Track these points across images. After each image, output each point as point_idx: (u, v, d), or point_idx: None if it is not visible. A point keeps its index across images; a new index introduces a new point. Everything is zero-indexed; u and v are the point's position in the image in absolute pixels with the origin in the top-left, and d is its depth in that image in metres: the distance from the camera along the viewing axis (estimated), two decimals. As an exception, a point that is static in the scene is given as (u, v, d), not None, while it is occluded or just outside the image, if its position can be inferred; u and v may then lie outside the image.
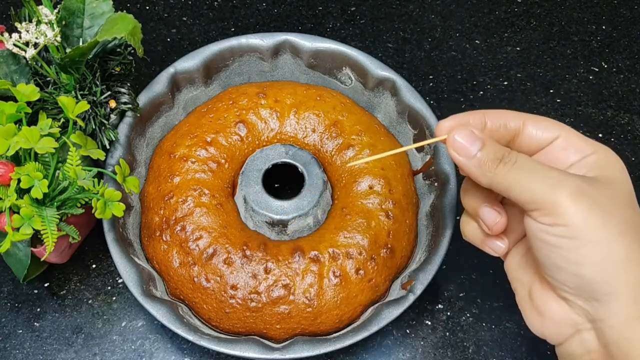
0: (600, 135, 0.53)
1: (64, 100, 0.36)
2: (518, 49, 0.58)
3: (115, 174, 0.37)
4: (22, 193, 0.36)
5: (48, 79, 0.41)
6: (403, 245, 0.42)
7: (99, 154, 0.39)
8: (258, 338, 0.38)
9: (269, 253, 0.40)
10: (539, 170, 0.28)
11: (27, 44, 0.38)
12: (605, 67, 0.58)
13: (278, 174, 0.45)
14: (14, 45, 0.37)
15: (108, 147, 0.42)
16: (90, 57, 0.40)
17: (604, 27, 0.60)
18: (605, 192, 0.28)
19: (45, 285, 0.44)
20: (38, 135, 0.35)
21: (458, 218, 0.41)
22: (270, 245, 0.41)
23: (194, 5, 0.60)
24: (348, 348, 0.42)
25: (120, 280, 0.45)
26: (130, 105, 0.42)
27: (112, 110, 0.42)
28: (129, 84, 0.43)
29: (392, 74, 0.46)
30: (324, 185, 0.43)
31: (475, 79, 0.56)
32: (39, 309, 0.44)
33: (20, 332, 0.43)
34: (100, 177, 0.41)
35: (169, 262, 0.41)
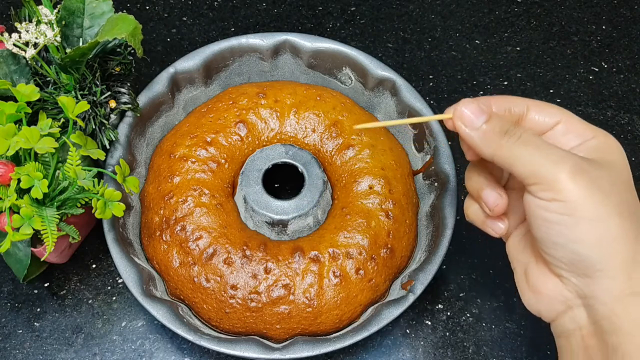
0: (600, 135, 0.53)
1: (64, 100, 0.36)
2: (518, 49, 0.58)
3: (115, 174, 0.37)
4: (22, 193, 0.36)
5: (48, 79, 0.41)
6: (403, 245, 0.42)
7: (99, 154, 0.39)
8: (258, 338, 0.38)
9: (269, 253, 0.40)
10: (542, 147, 0.29)
11: (27, 44, 0.38)
12: (605, 67, 0.58)
13: (278, 174, 0.45)
14: (14, 45, 0.37)
15: (108, 147, 0.42)
16: (90, 57, 0.40)
17: (604, 27, 0.60)
18: (604, 173, 0.29)
19: (45, 285, 0.44)
20: (38, 135, 0.35)
21: (458, 218, 0.41)
22: (270, 245, 0.41)
23: (194, 5, 0.60)
24: (348, 348, 0.42)
25: (120, 280, 0.45)
26: (130, 105, 0.42)
27: (112, 110, 0.42)
28: (129, 84, 0.43)
29: (392, 74, 0.46)
30: (324, 185, 0.43)
31: (475, 79, 0.56)
32: (39, 309, 0.44)
33: (20, 332, 0.43)
34: (100, 177, 0.41)
35: (169, 262, 0.41)
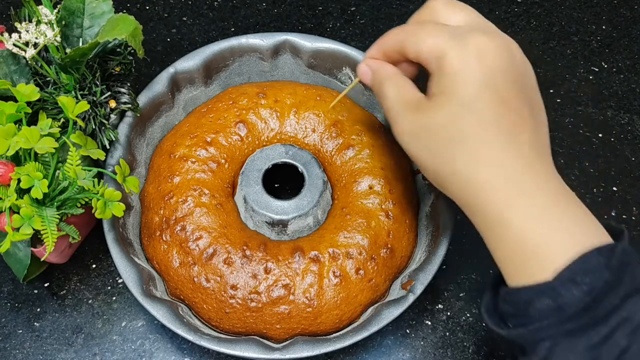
0: (600, 135, 0.53)
1: (64, 100, 0.36)
2: (518, 49, 0.58)
3: (115, 174, 0.37)
4: (22, 193, 0.36)
5: (48, 79, 0.41)
6: (403, 245, 0.42)
7: (99, 154, 0.39)
8: (258, 338, 0.38)
9: (269, 253, 0.40)
10: (403, 88, 0.34)
11: (27, 44, 0.38)
12: (605, 67, 0.58)
13: (278, 174, 0.45)
14: (14, 45, 0.37)
15: (108, 147, 0.42)
16: (90, 57, 0.40)
17: (604, 27, 0.60)
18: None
19: (45, 285, 0.44)
20: (38, 135, 0.35)
21: (459, 217, 0.41)
22: (270, 245, 0.41)
23: (194, 5, 0.60)
24: (348, 348, 0.42)
25: (120, 280, 0.45)
26: (130, 105, 0.42)
27: (112, 110, 0.42)
28: (129, 84, 0.43)
29: (392, 74, 0.46)
30: (324, 185, 0.43)
31: (475, 79, 0.56)
32: (39, 309, 0.44)
33: (20, 332, 0.43)
34: (100, 177, 0.41)
35: (169, 262, 0.41)
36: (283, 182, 0.48)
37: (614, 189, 0.50)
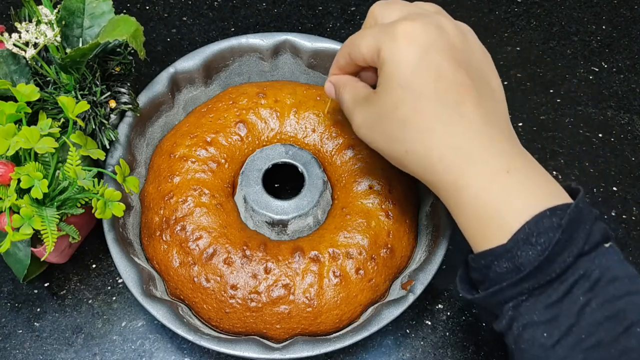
0: (600, 135, 0.53)
1: (64, 100, 0.36)
2: (518, 49, 0.58)
3: (115, 174, 0.37)
4: (22, 193, 0.36)
5: (48, 79, 0.41)
6: (403, 245, 0.42)
7: (99, 154, 0.39)
8: (258, 338, 0.38)
9: (269, 253, 0.40)
10: (355, 88, 0.37)
11: (27, 44, 0.38)
12: (605, 67, 0.58)
13: (278, 174, 0.45)
14: (14, 45, 0.37)
15: (108, 147, 0.42)
16: (91, 57, 0.40)
17: (604, 27, 0.60)
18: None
19: (45, 285, 0.44)
20: (38, 135, 0.35)
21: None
22: (270, 245, 0.41)
23: (194, 5, 0.60)
24: (348, 348, 0.42)
25: (120, 280, 0.45)
26: (130, 105, 0.42)
27: (112, 110, 0.42)
28: (129, 84, 0.43)
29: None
30: (324, 185, 0.43)
31: (475, 79, 0.56)
32: (39, 309, 0.44)
33: (20, 332, 0.43)
34: (100, 177, 0.41)
35: (169, 262, 0.41)
36: (283, 182, 0.48)
37: (614, 189, 0.50)
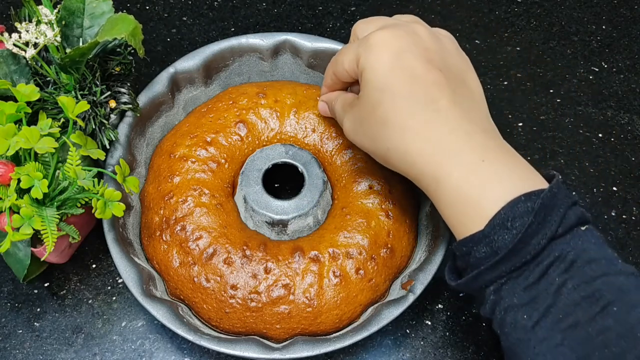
0: (600, 135, 0.53)
1: (64, 100, 0.36)
2: (518, 49, 0.58)
3: (115, 174, 0.37)
4: (22, 193, 0.36)
5: (48, 79, 0.41)
6: (403, 245, 0.42)
7: (99, 154, 0.39)
8: (258, 338, 0.38)
9: (269, 253, 0.40)
10: (344, 99, 0.40)
11: (27, 44, 0.38)
12: (605, 67, 0.58)
13: (278, 174, 0.45)
14: (14, 45, 0.37)
15: (108, 147, 0.42)
16: (90, 57, 0.40)
17: (604, 27, 0.60)
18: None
19: (45, 285, 0.44)
20: (38, 135, 0.35)
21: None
22: (270, 245, 0.41)
23: (194, 5, 0.60)
24: (348, 348, 0.42)
25: (120, 280, 0.45)
26: (130, 105, 0.42)
27: (112, 110, 0.42)
28: (129, 84, 0.43)
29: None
30: (324, 185, 0.43)
31: (475, 79, 0.56)
32: (39, 309, 0.44)
33: (20, 332, 0.43)
34: (100, 177, 0.41)
35: (169, 262, 0.41)
36: (283, 182, 0.48)
37: (614, 189, 0.50)
